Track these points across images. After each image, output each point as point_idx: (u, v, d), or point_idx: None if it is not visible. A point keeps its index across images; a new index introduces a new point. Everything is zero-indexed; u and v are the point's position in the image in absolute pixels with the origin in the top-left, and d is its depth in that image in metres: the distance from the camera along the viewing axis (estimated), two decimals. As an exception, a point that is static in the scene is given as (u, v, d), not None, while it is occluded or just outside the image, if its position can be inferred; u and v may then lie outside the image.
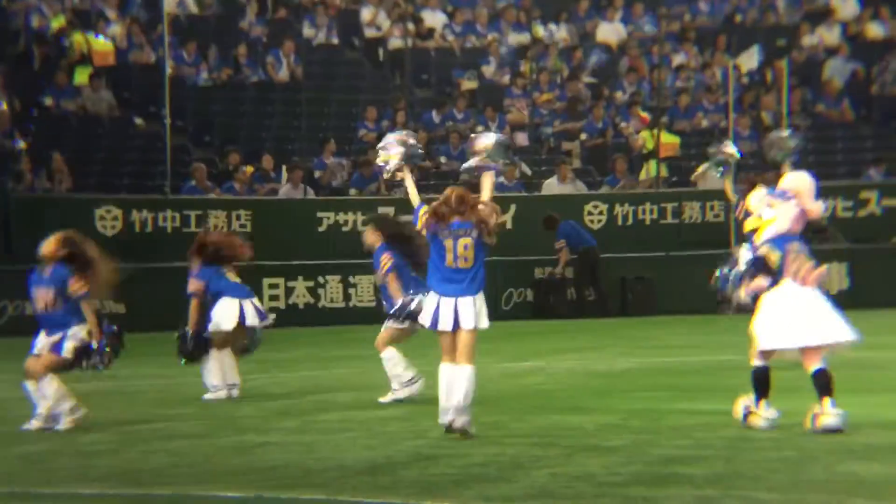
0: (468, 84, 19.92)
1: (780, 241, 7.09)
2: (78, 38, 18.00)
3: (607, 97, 19.81)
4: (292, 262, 16.20)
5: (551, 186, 17.89)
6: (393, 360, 8.76)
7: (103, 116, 17.73)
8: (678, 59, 20.92)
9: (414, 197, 7.34)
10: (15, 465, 6.83)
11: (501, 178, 18.11)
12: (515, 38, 20.93)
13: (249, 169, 17.37)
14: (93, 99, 17.67)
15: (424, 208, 7.25)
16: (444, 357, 7.17)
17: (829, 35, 21.43)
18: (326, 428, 7.78)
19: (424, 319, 7.27)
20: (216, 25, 19.84)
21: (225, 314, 9.16)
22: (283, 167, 17.44)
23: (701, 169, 9.93)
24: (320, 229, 16.75)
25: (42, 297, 7.83)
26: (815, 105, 20.42)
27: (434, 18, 20.75)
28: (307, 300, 16.29)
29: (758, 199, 7.50)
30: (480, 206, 7.17)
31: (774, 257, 7.03)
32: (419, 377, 8.77)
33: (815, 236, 15.49)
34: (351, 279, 16.34)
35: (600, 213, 17.47)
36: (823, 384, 6.96)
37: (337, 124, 18.94)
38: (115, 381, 10.81)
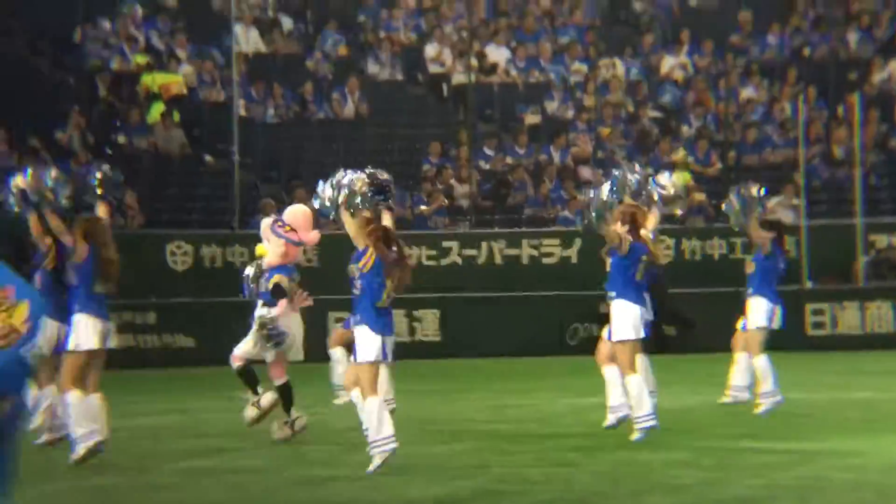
0: (532, 118, 19.93)
1: (281, 270, 8.52)
2: (146, 78, 18.38)
3: (674, 131, 19.68)
4: (357, 296, 16.25)
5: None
6: None
7: (174, 154, 18.07)
8: (746, 93, 20.71)
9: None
10: (88, 498, 6.92)
11: (566, 212, 18.07)
12: (579, 73, 20.91)
13: (315, 204, 17.48)
14: (164, 137, 18.02)
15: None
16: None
17: (902, 68, 21.04)
18: (392, 462, 7.76)
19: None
20: (284, 64, 20.15)
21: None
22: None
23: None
24: (385, 264, 16.80)
25: None
26: (889, 140, 20.04)
27: (497, 54, 20.84)
28: (372, 334, 16.32)
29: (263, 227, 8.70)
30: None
31: (285, 282, 8.58)
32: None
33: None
34: (415, 313, 16.33)
35: (667, 247, 17.26)
36: (287, 395, 8.68)
37: (401, 159, 19.05)
38: (184, 414, 10.92)
